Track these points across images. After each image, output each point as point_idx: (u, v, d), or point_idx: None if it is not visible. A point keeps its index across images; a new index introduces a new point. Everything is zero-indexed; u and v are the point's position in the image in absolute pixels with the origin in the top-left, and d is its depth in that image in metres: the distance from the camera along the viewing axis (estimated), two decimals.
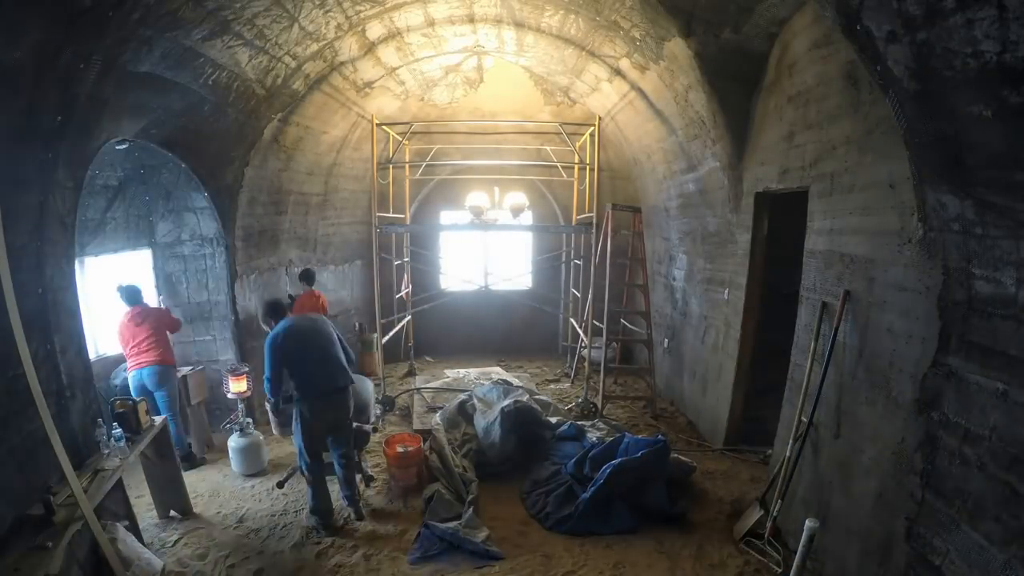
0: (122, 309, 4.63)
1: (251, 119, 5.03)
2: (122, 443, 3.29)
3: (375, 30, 5.16)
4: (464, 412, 5.19)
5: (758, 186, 4.50)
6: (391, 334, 6.72)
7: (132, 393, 4.45)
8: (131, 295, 4.66)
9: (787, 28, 3.92)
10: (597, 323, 6.36)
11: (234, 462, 4.81)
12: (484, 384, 5.82)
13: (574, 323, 7.50)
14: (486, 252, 7.58)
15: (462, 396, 5.42)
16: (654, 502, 3.96)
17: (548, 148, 7.69)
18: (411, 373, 7.67)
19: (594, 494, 3.93)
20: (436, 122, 7.67)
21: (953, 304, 2.32)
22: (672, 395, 6.66)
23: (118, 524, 3.18)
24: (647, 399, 6.35)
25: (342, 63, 5.44)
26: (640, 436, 4.53)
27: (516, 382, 6.73)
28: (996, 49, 1.48)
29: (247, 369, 4.90)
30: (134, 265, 5.36)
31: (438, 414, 5.24)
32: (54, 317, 3.00)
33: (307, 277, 6.27)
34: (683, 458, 4.54)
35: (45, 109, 2.72)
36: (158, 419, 3.88)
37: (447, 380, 6.90)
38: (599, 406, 5.98)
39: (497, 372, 7.25)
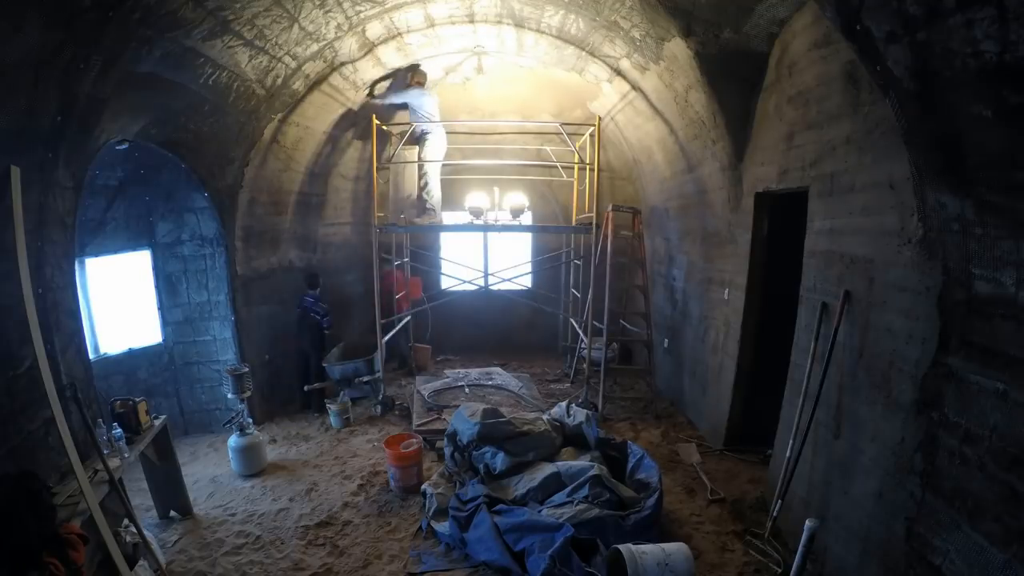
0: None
1: (251, 119, 5.03)
2: (122, 443, 3.29)
3: (375, 30, 5.16)
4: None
5: (758, 186, 4.50)
6: (391, 334, 6.72)
7: None
8: None
9: (787, 28, 3.92)
10: (597, 323, 6.35)
11: (234, 462, 4.81)
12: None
13: (574, 323, 7.49)
14: (486, 252, 7.57)
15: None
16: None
17: (548, 148, 7.68)
18: (411, 373, 7.67)
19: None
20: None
21: (953, 304, 2.32)
22: (672, 395, 6.66)
23: (124, 520, 3.18)
24: (647, 399, 6.35)
25: (342, 63, 5.44)
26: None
27: (516, 382, 6.74)
28: (996, 49, 1.48)
29: (247, 369, 4.89)
30: (134, 265, 5.36)
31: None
32: (54, 317, 3.00)
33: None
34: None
35: (45, 109, 2.72)
36: (158, 420, 3.88)
37: (447, 380, 6.90)
38: (599, 406, 5.98)
39: (497, 372, 7.25)
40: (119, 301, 5.26)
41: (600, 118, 6.74)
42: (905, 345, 2.66)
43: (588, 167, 6.24)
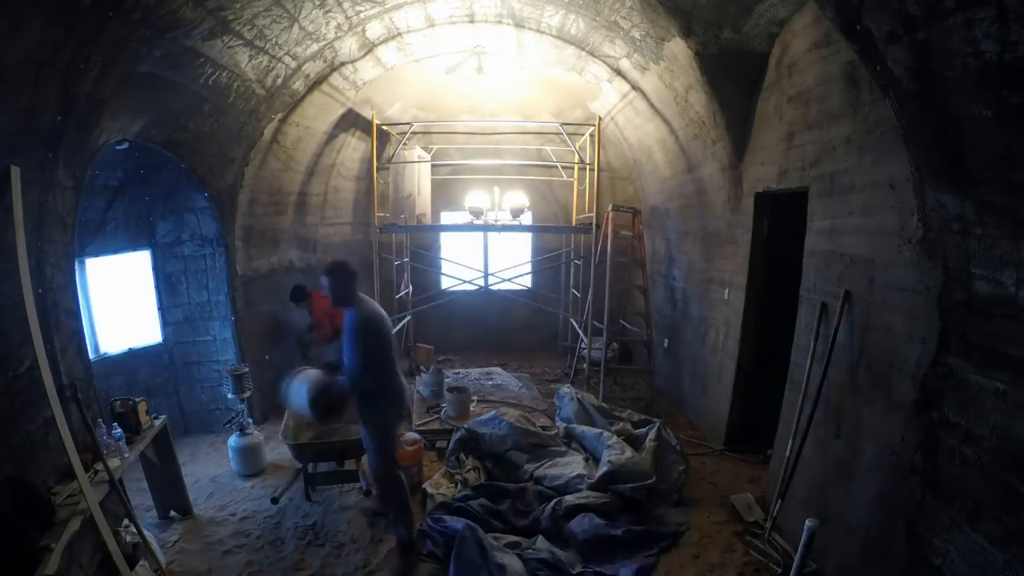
0: None
1: (251, 119, 5.03)
2: (122, 443, 3.29)
3: (375, 30, 5.16)
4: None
5: (758, 186, 4.50)
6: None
7: None
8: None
9: (787, 28, 3.92)
10: (597, 323, 6.35)
11: (233, 462, 4.81)
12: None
13: (574, 323, 7.49)
14: (486, 252, 7.58)
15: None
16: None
17: (548, 148, 7.69)
18: (411, 373, 7.66)
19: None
20: (436, 123, 7.66)
21: (953, 304, 2.32)
22: (672, 395, 6.66)
23: (124, 520, 3.18)
24: (647, 399, 6.34)
25: (342, 63, 5.44)
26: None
27: (516, 383, 6.74)
28: (996, 49, 1.48)
29: (247, 369, 4.89)
30: (134, 265, 5.36)
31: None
32: (54, 317, 3.00)
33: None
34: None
35: (45, 109, 2.72)
36: (158, 420, 3.87)
37: (447, 380, 6.89)
38: None
39: (497, 372, 7.25)
40: (119, 301, 5.26)
41: (600, 118, 6.74)
42: (905, 345, 2.66)
43: (588, 167, 6.25)
